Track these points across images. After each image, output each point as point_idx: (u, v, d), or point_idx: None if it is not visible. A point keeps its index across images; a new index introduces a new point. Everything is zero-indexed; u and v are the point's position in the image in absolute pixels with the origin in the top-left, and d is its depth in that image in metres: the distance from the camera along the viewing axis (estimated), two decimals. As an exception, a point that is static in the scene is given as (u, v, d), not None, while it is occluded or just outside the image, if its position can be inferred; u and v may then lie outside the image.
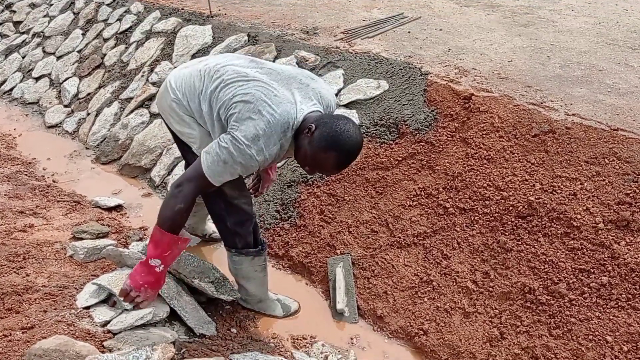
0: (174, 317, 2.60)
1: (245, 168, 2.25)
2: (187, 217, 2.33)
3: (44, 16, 6.75)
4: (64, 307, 2.52)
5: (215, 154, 2.20)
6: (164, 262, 2.32)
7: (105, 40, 5.79)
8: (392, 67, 3.90)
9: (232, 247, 2.79)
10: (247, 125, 2.19)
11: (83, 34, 6.12)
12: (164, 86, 2.56)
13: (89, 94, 5.41)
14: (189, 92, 2.46)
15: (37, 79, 6.02)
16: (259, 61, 2.50)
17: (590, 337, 2.51)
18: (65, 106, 5.50)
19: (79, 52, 5.94)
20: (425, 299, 2.96)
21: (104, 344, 2.27)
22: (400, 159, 3.43)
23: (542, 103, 3.28)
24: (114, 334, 2.36)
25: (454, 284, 2.94)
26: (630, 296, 2.52)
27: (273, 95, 2.24)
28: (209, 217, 3.36)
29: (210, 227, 3.51)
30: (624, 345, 2.45)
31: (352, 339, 2.92)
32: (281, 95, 2.25)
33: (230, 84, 2.32)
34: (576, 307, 2.59)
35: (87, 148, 4.90)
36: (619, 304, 2.53)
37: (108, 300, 2.56)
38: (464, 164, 3.22)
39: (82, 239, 3.24)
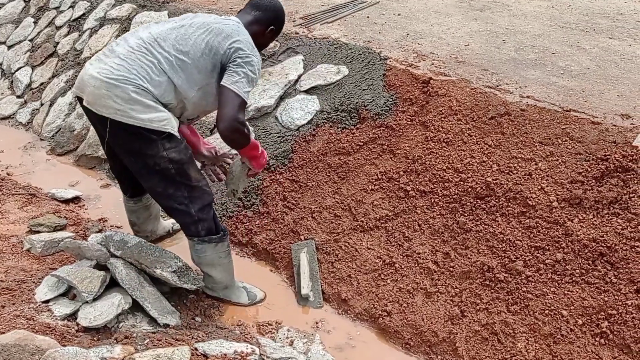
0: (137, 307, 2.58)
1: (259, 74, 2.61)
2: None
3: (-8, 4, 6.51)
4: (22, 301, 2.47)
5: (245, 75, 2.49)
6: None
7: (58, 28, 5.62)
8: (352, 52, 3.91)
9: (195, 235, 2.77)
10: (241, 43, 2.54)
11: (35, 22, 5.93)
12: (100, 85, 2.41)
13: (42, 83, 5.26)
14: (144, 72, 2.44)
15: (-13, 69, 5.82)
16: (175, 19, 2.72)
17: (547, 311, 2.60)
18: (18, 97, 5.33)
19: (30, 40, 5.76)
20: (388, 281, 3.00)
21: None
22: (362, 143, 3.45)
23: (498, 86, 3.35)
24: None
25: (416, 265, 2.99)
26: (583, 271, 2.62)
27: (223, 23, 2.62)
28: (162, 214, 3.37)
29: (169, 222, 3.49)
30: (578, 318, 2.54)
31: (317, 323, 2.95)
32: (227, 21, 2.65)
33: (191, 36, 2.56)
34: (532, 284, 2.68)
35: (41, 139, 4.77)
36: (573, 279, 2.62)
37: (68, 293, 2.53)
38: (423, 147, 3.27)
39: (39, 232, 3.17)
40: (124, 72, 2.42)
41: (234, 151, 2.92)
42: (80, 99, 2.57)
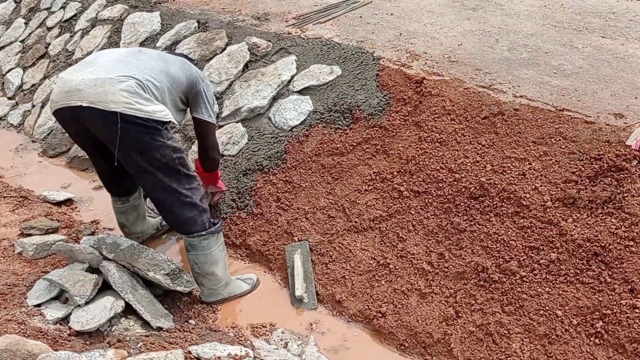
0: (129, 311, 2.56)
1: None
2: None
3: (-17, 5, 6.46)
4: (14, 305, 2.45)
5: (210, 102, 2.94)
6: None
7: (49, 29, 5.59)
8: (345, 52, 3.89)
9: (202, 229, 2.83)
10: (197, 69, 2.97)
11: (26, 23, 5.90)
12: (103, 82, 2.50)
13: (33, 85, 5.23)
14: (140, 70, 2.60)
15: (-22, 70, 5.78)
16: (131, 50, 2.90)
17: (541, 312, 2.60)
18: (9, 98, 5.30)
19: (22, 42, 5.73)
20: (383, 282, 3.00)
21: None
22: (355, 144, 3.44)
23: (491, 85, 3.35)
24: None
25: (410, 265, 2.98)
26: (578, 271, 2.62)
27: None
28: (150, 212, 3.39)
29: (156, 220, 3.49)
30: (573, 318, 2.54)
31: (311, 324, 2.93)
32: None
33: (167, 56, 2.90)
34: (527, 284, 2.67)
35: (33, 141, 4.74)
36: (568, 279, 2.62)
37: (60, 297, 2.51)
38: (417, 147, 3.26)
39: (30, 235, 3.15)
40: (123, 70, 2.56)
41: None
42: (64, 113, 2.57)
